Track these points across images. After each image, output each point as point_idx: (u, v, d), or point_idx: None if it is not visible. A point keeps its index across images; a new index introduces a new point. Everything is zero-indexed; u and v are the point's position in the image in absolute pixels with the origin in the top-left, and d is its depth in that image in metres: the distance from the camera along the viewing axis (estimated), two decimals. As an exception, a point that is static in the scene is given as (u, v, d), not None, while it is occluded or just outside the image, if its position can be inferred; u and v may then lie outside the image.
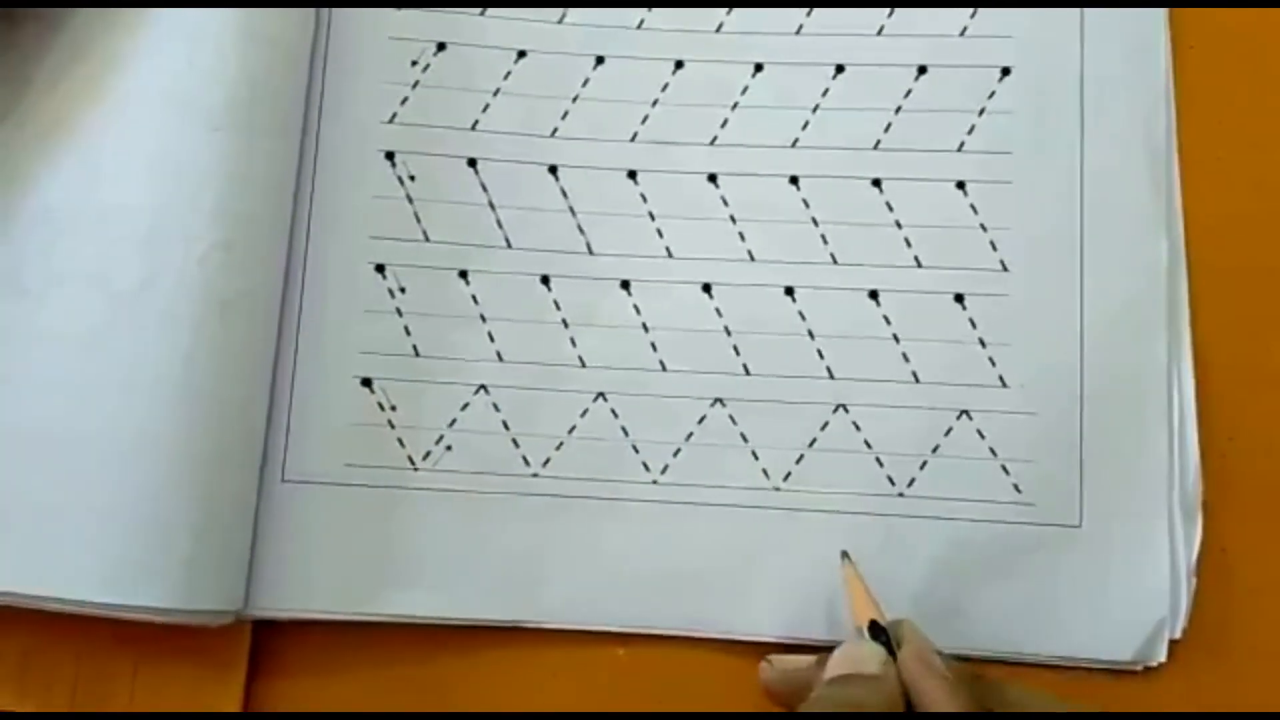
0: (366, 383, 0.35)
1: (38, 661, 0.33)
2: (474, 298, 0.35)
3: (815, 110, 0.36)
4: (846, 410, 0.35)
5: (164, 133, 0.32)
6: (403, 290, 0.35)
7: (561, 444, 0.35)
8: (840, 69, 0.36)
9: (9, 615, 0.31)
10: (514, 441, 0.35)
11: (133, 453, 0.31)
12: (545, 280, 0.35)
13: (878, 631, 0.30)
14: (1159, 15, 0.36)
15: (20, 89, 0.33)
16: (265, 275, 0.34)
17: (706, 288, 0.35)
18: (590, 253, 0.36)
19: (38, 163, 0.32)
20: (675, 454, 0.34)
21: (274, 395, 0.34)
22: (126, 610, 0.30)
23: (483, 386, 0.35)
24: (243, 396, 0.33)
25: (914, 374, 0.35)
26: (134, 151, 0.32)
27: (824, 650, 0.31)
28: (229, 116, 0.33)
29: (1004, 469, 0.34)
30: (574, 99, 0.36)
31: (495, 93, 0.36)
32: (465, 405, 0.35)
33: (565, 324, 0.35)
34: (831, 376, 0.35)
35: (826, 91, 0.36)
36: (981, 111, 0.36)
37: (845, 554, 0.33)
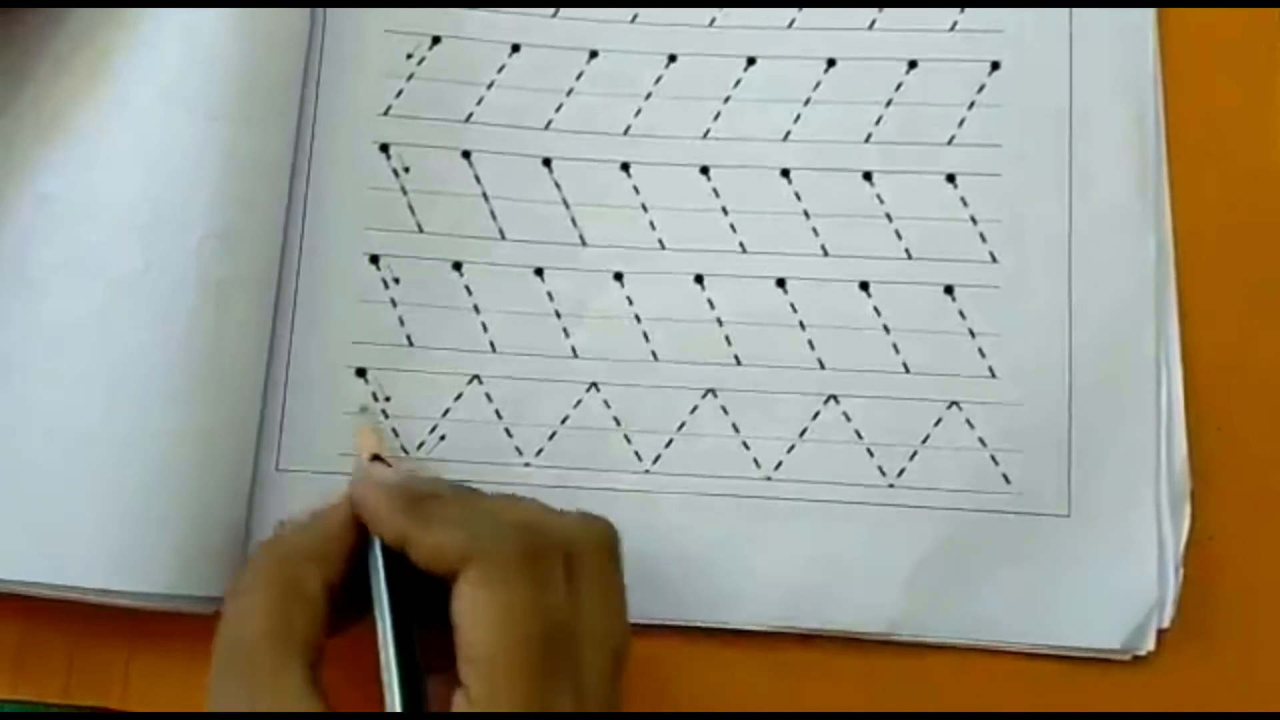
0: (361, 372, 0.35)
1: (32, 649, 0.33)
2: (468, 288, 0.35)
3: (807, 103, 0.36)
4: (837, 401, 0.35)
5: (161, 123, 0.32)
6: (397, 281, 0.35)
7: (554, 434, 0.34)
8: (831, 63, 0.36)
9: (3, 602, 0.31)
10: (507, 431, 0.34)
11: (128, 440, 0.31)
12: (539, 272, 0.35)
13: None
14: (1147, 11, 0.36)
15: (20, 81, 0.33)
16: (261, 264, 0.34)
17: (699, 279, 0.35)
18: (583, 244, 0.36)
19: (37, 153, 0.32)
20: (667, 444, 0.34)
21: (269, 384, 0.34)
22: (120, 597, 0.30)
23: (476, 377, 0.35)
24: (238, 384, 0.33)
25: (904, 365, 0.35)
26: (132, 141, 0.32)
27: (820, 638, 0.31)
28: (225, 107, 0.32)
29: (993, 459, 0.34)
30: (568, 92, 0.36)
31: (489, 86, 0.36)
32: (459, 395, 0.35)
33: (558, 315, 0.35)
34: (822, 367, 0.35)
35: (818, 85, 0.36)
36: (971, 105, 0.36)
37: (364, 408, 0.33)
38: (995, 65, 0.36)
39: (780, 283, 0.35)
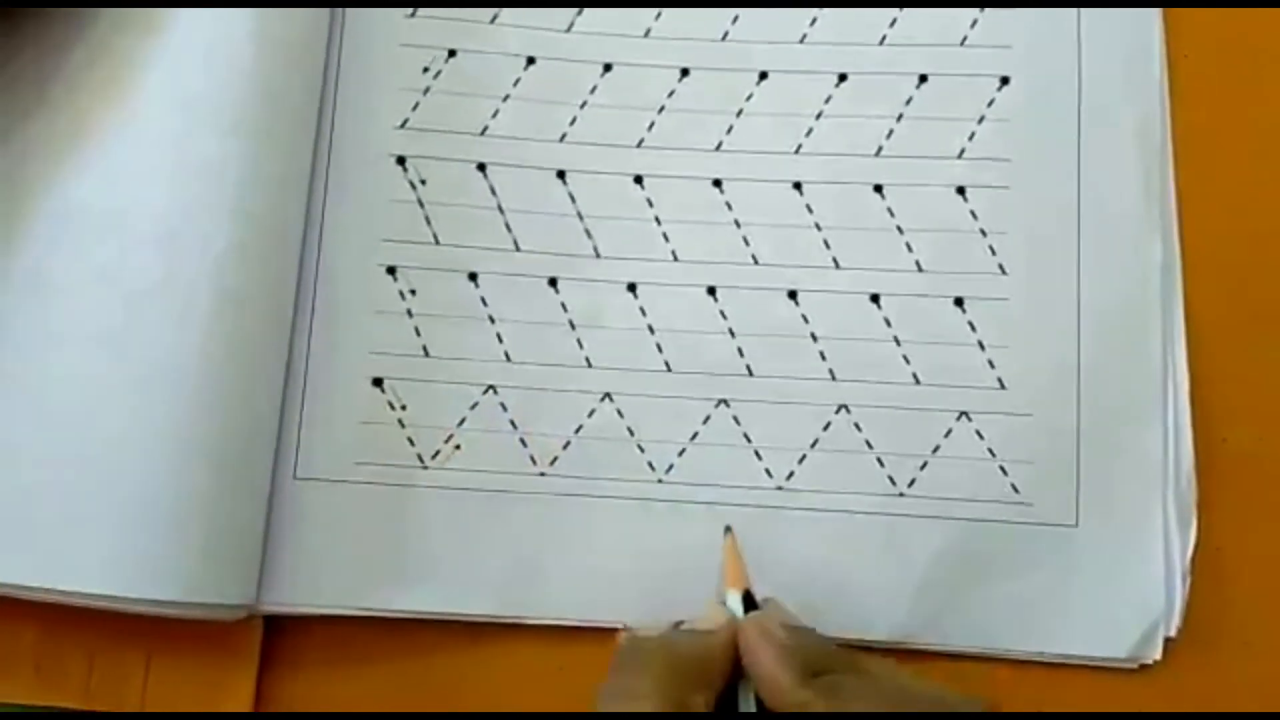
0: (377, 382, 0.35)
1: (52, 655, 0.32)
2: (483, 299, 0.35)
3: (818, 117, 0.36)
4: (848, 411, 0.34)
5: (180, 136, 0.32)
6: (413, 292, 0.35)
7: (568, 443, 0.34)
8: (843, 77, 0.36)
9: (24, 608, 0.31)
10: (521, 441, 0.34)
11: (147, 449, 0.31)
12: (553, 282, 0.35)
13: (749, 604, 0.30)
14: (1154, 25, 0.36)
15: (41, 92, 0.33)
16: (278, 275, 0.34)
17: (711, 290, 0.35)
18: (597, 256, 0.35)
19: (58, 164, 0.32)
20: (680, 454, 0.34)
21: (286, 394, 0.34)
22: (139, 604, 0.30)
23: (491, 387, 0.35)
24: (256, 394, 0.33)
25: (914, 376, 0.35)
26: (151, 154, 0.32)
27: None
28: (244, 120, 0.33)
29: (1002, 469, 0.34)
30: (582, 105, 0.36)
31: (505, 99, 0.36)
32: (474, 405, 0.35)
33: (572, 325, 0.35)
34: (833, 378, 0.35)
35: (829, 99, 0.36)
36: (981, 119, 0.36)
37: (729, 528, 0.32)
38: (1005, 80, 0.36)
39: (792, 294, 0.35)
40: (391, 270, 0.35)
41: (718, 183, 0.36)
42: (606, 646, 0.33)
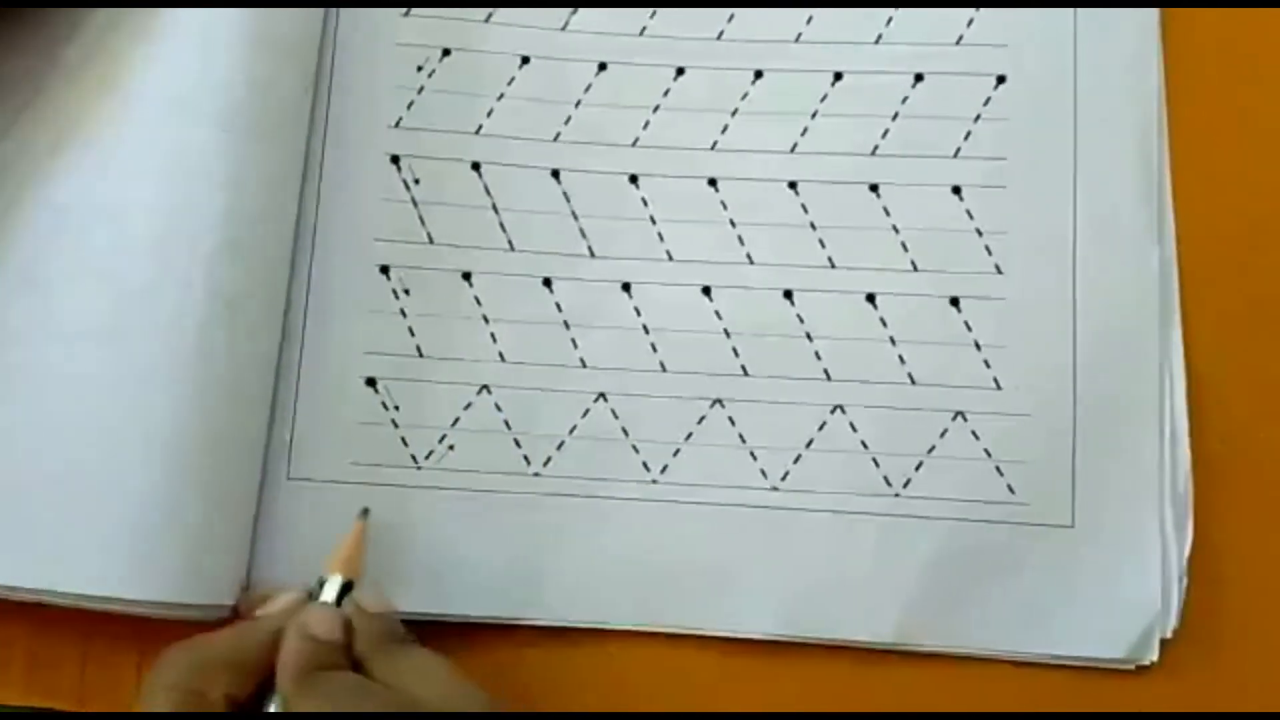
0: (371, 382, 0.34)
1: (44, 656, 0.32)
2: (477, 299, 0.35)
3: (814, 116, 0.36)
4: (843, 411, 0.34)
5: (174, 134, 0.32)
6: (407, 292, 0.35)
7: (562, 444, 0.34)
8: (839, 76, 0.36)
9: (16, 609, 0.31)
10: (516, 441, 0.34)
11: (138, 448, 0.30)
12: (547, 282, 0.35)
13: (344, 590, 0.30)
14: (1151, 24, 0.36)
15: (35, 90, 0.32)
16: (271, 274, 0.33)
17: (706, 290, 0.35)
18: (592, 255, 0.35)
19: (51, 162, 0.32)
20: (675, 454, 0.34)
21: (280, 395, 0.34)
22: (131, 605, 0.30)
23: (485, 387, 0.34)
24: (246, 393, 0.32)
25: (910, 376, 0.34)
26: (144, 152, 0.32)
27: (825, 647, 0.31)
28: (238, 118, 0.32)
29: (998, 470, 0.34)
30: (576, 104, 0.36)
31: (499, 98, 0.36)
32: (468, 405, 0.34)
33: (567, 325, 0.35)
34: (829, 378, 0.34)
35: (825, 98, 0.36)
36: (977, 118, 0.36)
37: (365, 511, 0.32)
38: (1001, 79, 0.36)
39: (787, 294, 0.35)
40: (385, 270, 0.35)
41: (713, 182, 0.35)
42: (602, 647, 0.33)
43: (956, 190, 0.35)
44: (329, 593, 0.30)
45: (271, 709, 0.28)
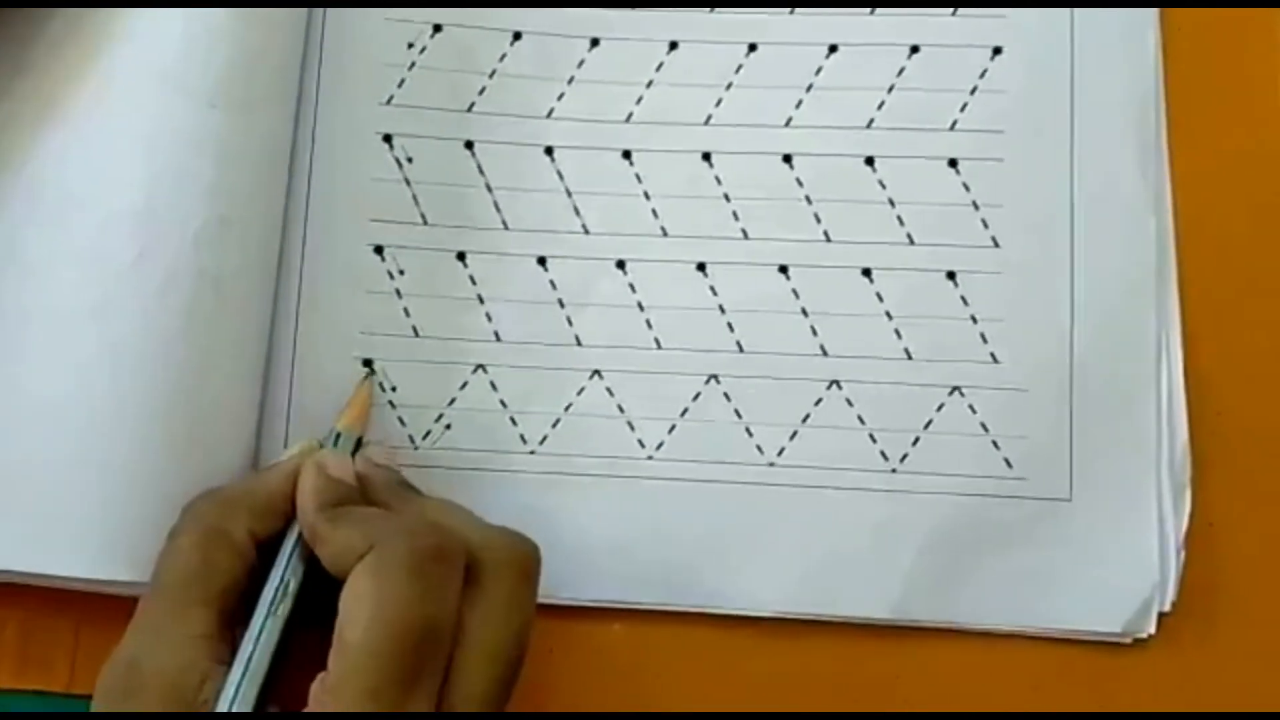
0: (367, 363, 0.33)
1: (36, 639, 0.32)
2: (472, 278, 0.34)
3: (809, 89, 0.35)
4: (840, 387, 0.33)
5: (160, 109, 0.31)
6: (401, 272, 0.34)
7: (558, 421, 0.33)
8: (833, 48, 0.35)
9: (6, 592, 0.30)
10: (512, 420, 0.33)
11: (127, 428, 0.30)
12: (542, 261, 0.34)
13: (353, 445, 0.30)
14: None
15: (17, 66, 0.31)
16: (261, 252, 0.32)
17: (701, 266, 0.34)
18: (586, 233, 0.34)
19: (35, 139, 0.31)
20: (670, 431, 0.33)
21: (275, 375, 0.33)
22: (120, 587, 0.29)
23: (481, 366, 0.34)
24: (237, 372, 0.32)
25: (906, 351, 0.33)
26: (130, 128, 0.31)
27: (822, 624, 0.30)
28: (225, 93, 0.31)
29: (995, 444, 0.33)
30: (569, 80, 0.35)
31: (491, 74, 0.35)
32: (464, 384, 0.33)
33: (561, 303, 0.34)
34: (825, 354, 0.33)
35: (820, 70, 0.35)
36: (974, 90, 0.34)
37: (370, 372, 0.32)
38: (997, 50, 0.34)
39: (782, 269, 0.34)
40: (379, 250, 0.34)
41: (707, 156, 0.34)
42: (598, 626, 0.32)
43: (953, 163, 0.34)
44: (342, 444, 0.30)
45: (291, 541, 0.28)
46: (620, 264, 0.34)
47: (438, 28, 0.35)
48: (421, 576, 0.26)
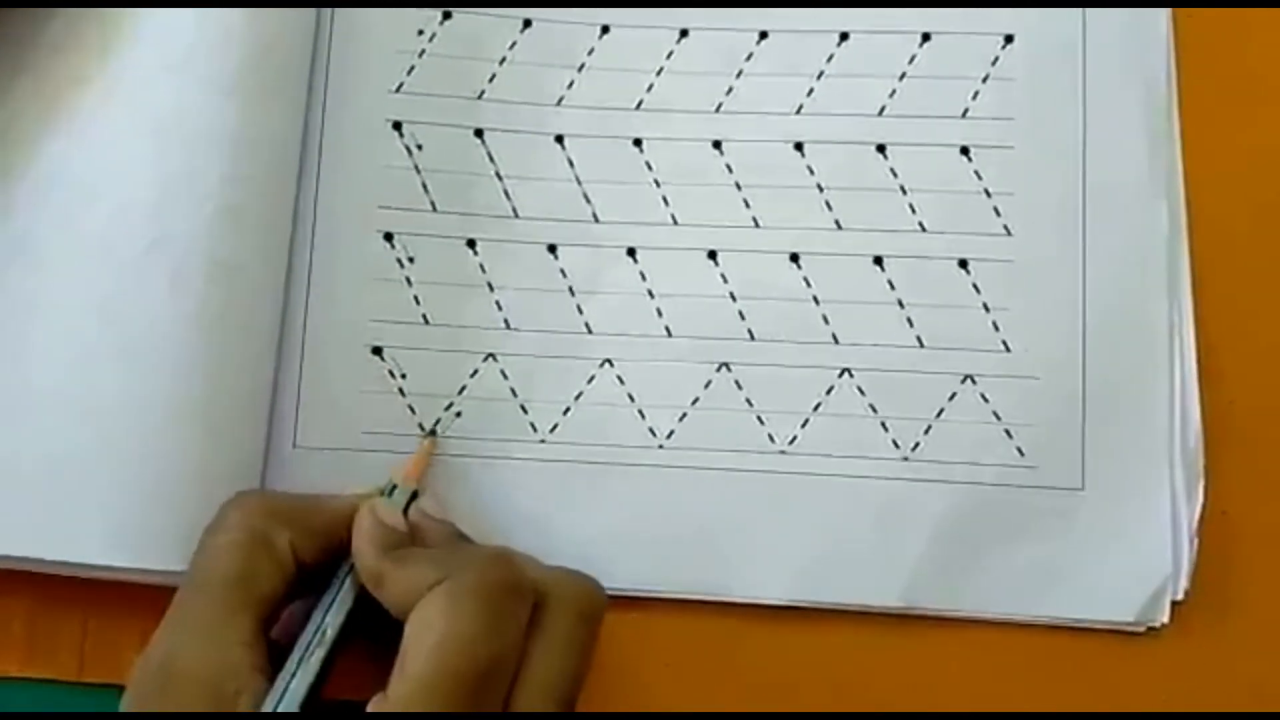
0: (377, 351, 0.33)
1: (44, 626, 0.31)
2: (482, 266, 0.34)
3: (820, 77, 0.34)
4: (851, 375, 0.33)
5: (170, 100, 0.30)
6: (411, 259, 0.34)
7: (568, 410, 0.33)
8: (844, 36, 0.34)
9: (16, 579, 0.30)
10: (522, 408, 0.33)
11: (138, 418, 0.29)
12: (552, 249, 0.34)
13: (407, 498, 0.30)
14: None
15: (29, 57, 0.31)
16: (272, 240, 0.32)
17: (712, 254, 0.34)
18: (596, 221, 0.34)
19: (46, 130, 0.31)
20: (681, 419, 0.33)
21: (285, 363, 0.33)
22: (132, 573, 0.29)
23: (491, 354, 0.33)
24: (248, 361, 0.31)
25: (918, 339, 0.33)
26: (141, 119, 0.30)
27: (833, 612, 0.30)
28: (236, 82, 0.31)
29: (1007, 433, 0.33)
30: (579, 68, 0.34)
31: (501, 62, 0.34)
32: (474, 373, 0.33)
33: (572, 292, 0.34)
34: (836, 342, 0.33)
35: (831, 58, 0.34)
36: (985, 78, 0.34)
37: (433, 431, 0.32)
38: (1009, 38, 0.34)
39: (794, 257, 0.34)
40: (389, 237, 0.34)
41: (718, 144, 0.34)
42: (609, 614, 0.32)
43: (964, 151, 0.34)
44: (398, 498, 0.30)
45: (344, 574, 0.28)
46: (631, 252, 0.34)
47: (447, 15, 0.35)
48: (492, 609, 0.26)
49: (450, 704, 0.25)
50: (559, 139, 0.34)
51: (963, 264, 0.33)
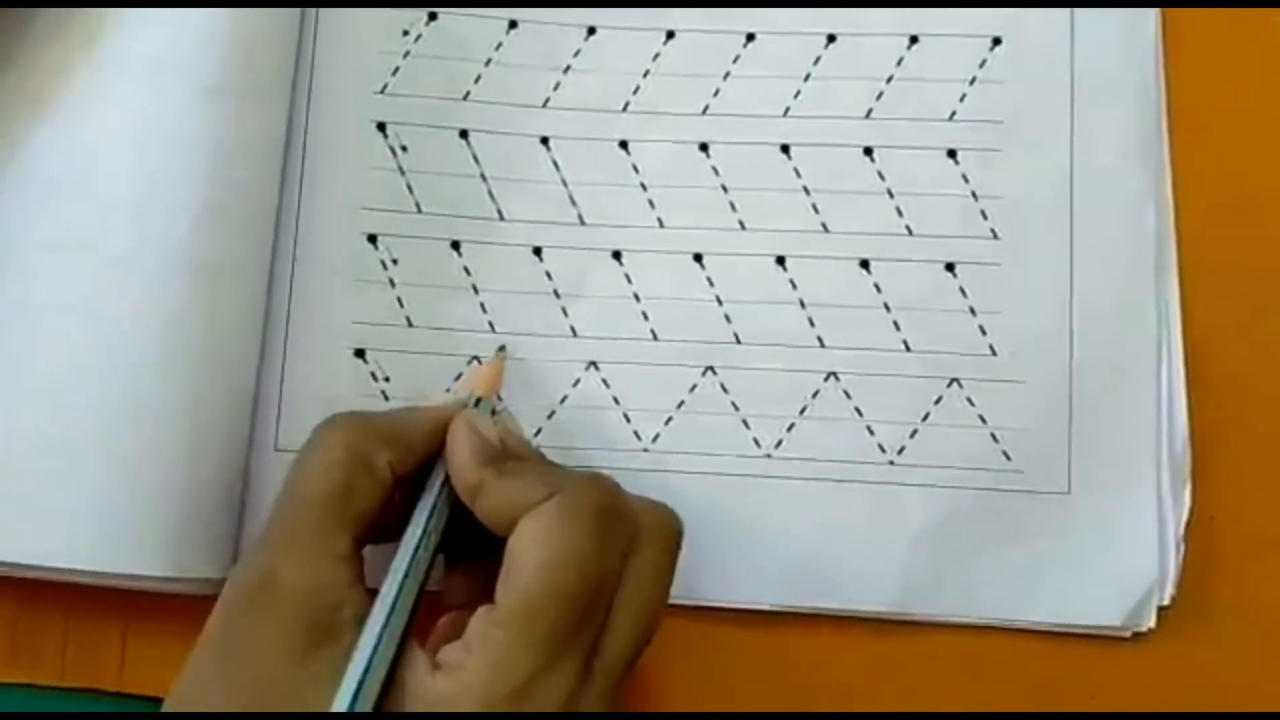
0: (360, 353, 0.33)
1: (26, 630, 0.31)
2: (466, 269, 0.33)
3: (807, 79, 0.34)
4: (837, 379, 0.33)
5: (152, 98, 0.30)
6: (395, 261, 0.33)
7: (553, 413, 0.33)
8: (832, 38, 0.34)
9: (-3, 582, 0.30)
10: (507, 411, 0.33)
11: (120, 420, 0.29)
12: (537, 251, 0.34)
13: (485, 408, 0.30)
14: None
15: (8, 56, 0.31)
16: (254, 241, 0.32)
17: (698, 257, 0.33)
18: (582, 223, 0.34)
19: (26, 129, 0.30)
20: (667, 422, 0.33)
21: (267, 366, 0.32)
22: (115, 578, 0.29)
23: (475, 357, 0.33)
24: (230, 363, 0.31)
25: (904, 342, 0.33)
26: (122, 118, 0.30)
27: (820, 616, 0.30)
28: (219, 81, 0.30)
29: (993, 437, 0.32)
30: (565, 69, 0.34)
31: (487, 63, 0.34)
32: (458, 376, 0.33)
33: (557, 294, 0.33)
34: (822, 345, 0.33)
35: (818, 60, 0.34)
36: (973, 81, 0.34)
37: (502, 347, 0.32)
38: (997, 41, 0.34)
39: (780, 260, 0.33)
40: (373, 239, 0.33)
41: (704, 147, 0.34)
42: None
43: (952, 154, 0.34)
44: (484, 409, 0.30)
45: (437, 487, 0.28)
46: (616, 254, 0.34)
47: (433, 15, 0.34)
48: (602, 529, 0.26)
49: (559, 619, 0.25)
50: (545, 141, 0.34)
51: (949, 267, 0.33)
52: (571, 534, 0.25)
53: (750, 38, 0.34)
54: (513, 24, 0.34)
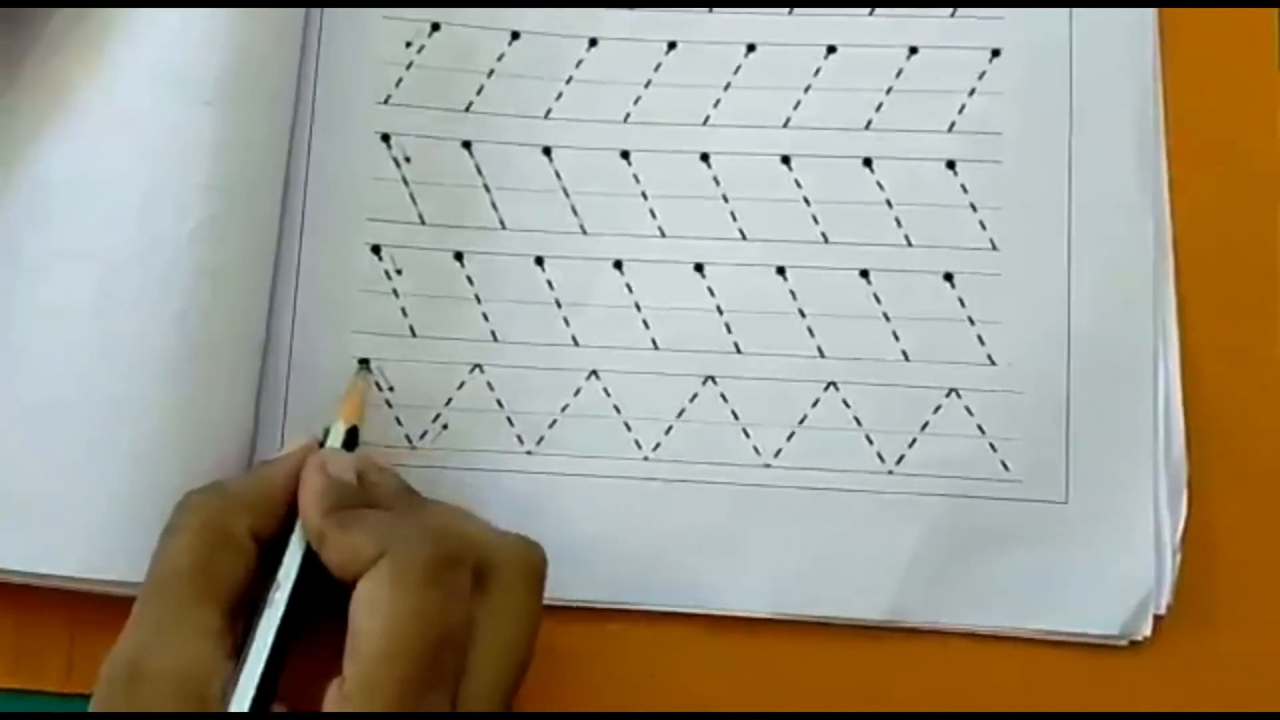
0: (364, 363, 0.33)
1: (31, 639, 0.31)
2: (469, 279, 0.33)
3: (807, 90, 0.34)
4: (837, 388, 0.33)
5: (157, 107, 0.30)
6: (399, 271, 0.33)
7: (555, 422, 0.33)
8: (832, 49, 0.34)
9: (2, 590, 0.30)
10: (509, 420, 0.33)
11: (123, 427, 0.29)
12: (539, 261, 0.34)
13: (353, 442, 0.30)
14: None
15: (14, 64, 0.31)
16: (257, 250, 0.32)
17: (699, 267, 0.34)
18: (584, 233, 0.34)
19: (32, 137, 0.30)
20: (667, 431, 0.33)
21: (272, 374, 0.32)
22: (120, 586, 0.29)
23: (478, 366, 0.33)
24: (233, 371, 0.31)
25: (903, 352, 0.33)
26: (128, 126, 0.30)
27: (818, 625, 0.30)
28: (221, 89, 0.30)
29: (991, 446, 0.32)
30: (567, 80, 0.34)
31: (489, 74, 0.34)
32: (461, 384, 0.33)
33: (559, 304, 0.33)
34: (822, 355, 0.33)
35: (818, 71, 0.34)
36: (972, 92, 0.34)
37: (365, 363, 0.32)
38: (996, 52, 0.34)
39: (780, 270, 0.33)
40: (376, 249, 0.33)
41: (705, 157, 0.34)
42: (593, 627, 0.32)
43: (951, 165, 0.34)
44: (336, 437, 0.29)
45: (295, 542, 0.28)
46: (618, 264, 0.34)
47: (436, 26, 0.34)
48: (436, 584, 0.25)
49: (409, 679, 0.24)
50: (547, 151, 0.34)
51: (948, 277, 0.33)
52: (401, 597, 0.25)
53: (751, 48, 0.34)
54: (515, 35, 0.34)
